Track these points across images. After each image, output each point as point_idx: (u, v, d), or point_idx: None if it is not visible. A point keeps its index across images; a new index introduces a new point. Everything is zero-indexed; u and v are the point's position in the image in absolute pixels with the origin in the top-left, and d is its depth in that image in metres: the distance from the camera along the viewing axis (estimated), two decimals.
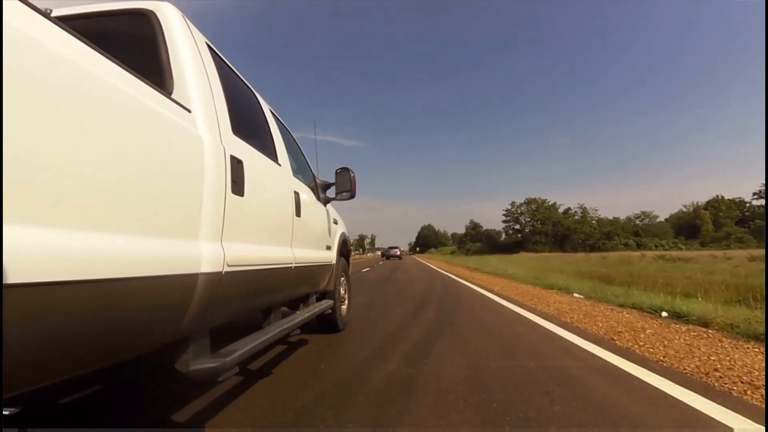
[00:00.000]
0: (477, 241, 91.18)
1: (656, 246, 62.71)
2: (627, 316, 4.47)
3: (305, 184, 2.72)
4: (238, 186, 1.52)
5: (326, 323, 3.39)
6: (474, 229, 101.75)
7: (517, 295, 6.58)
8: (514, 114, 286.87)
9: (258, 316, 2.17)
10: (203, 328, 1.39)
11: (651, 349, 2.96)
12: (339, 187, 3.18)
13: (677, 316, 4.33)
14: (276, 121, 2.56)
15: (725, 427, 1.65)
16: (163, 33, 1.49)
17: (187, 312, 1.22)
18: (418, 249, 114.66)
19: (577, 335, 3.37)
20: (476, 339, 3.22)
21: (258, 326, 1.92)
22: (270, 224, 1.98)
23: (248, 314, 1.96)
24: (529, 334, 3.43)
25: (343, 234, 3.69)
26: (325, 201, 3.17)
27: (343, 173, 3.18)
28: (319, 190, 3.08)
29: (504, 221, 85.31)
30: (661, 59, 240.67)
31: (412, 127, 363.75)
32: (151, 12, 1.52)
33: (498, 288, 7.77)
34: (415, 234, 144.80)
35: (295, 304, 2.72)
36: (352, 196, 3.19)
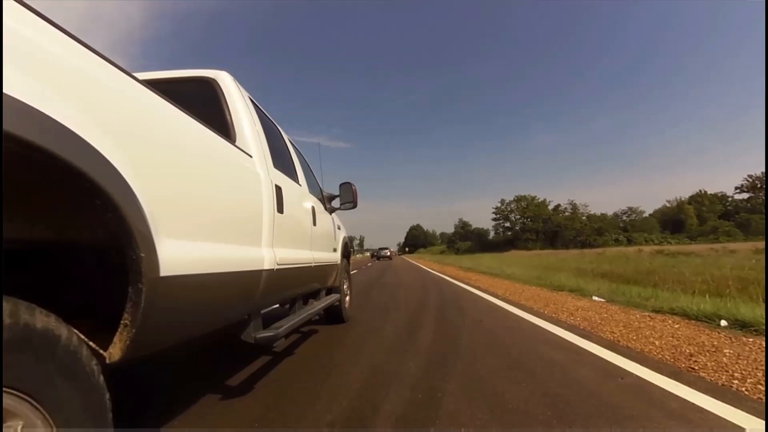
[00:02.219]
0: (466, 240, 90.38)
1: (646, 241, 62.58)
2: (677, 326, 3.52)
3: (316, 197, 3.21)
4: (279, 206, 2.05)
5: (333, 315, 3.83)
6: (463, 227, 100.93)
7: (527, 300, 5.60)
8: (501, 113, 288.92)
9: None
10: (258, 310, 1.94)
11: (760, 386, 2.00)
12: (343, 198, 3.72)
13: (741, 326, 3.41)
14: (293, 148, 3.04)
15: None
16: (224, 95, 2.04)
17: (255, 296, 1.79)
18: (407, 249, 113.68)
19: (640, 364, 2.39)
20: (502, 378, 2.20)
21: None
22: (298, 232, 2.47)
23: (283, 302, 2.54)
24: (573, 365, 2.42)
25: (345, 238, 4.23)
26: (331, 210, 3.69)
27: (346, 186, 3.71)
28: (326, 202, 3.57)
29: (494, 219, 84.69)
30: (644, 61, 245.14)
31: (399, 128, 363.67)
32: (213, 79, 2.09)
33: (502, 291, 6.79)
34: (404, 234, 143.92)
35: (304, 300, 2.92)
36: (354, 206, 3.73)
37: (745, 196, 77.32)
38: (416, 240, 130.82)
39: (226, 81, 2.09)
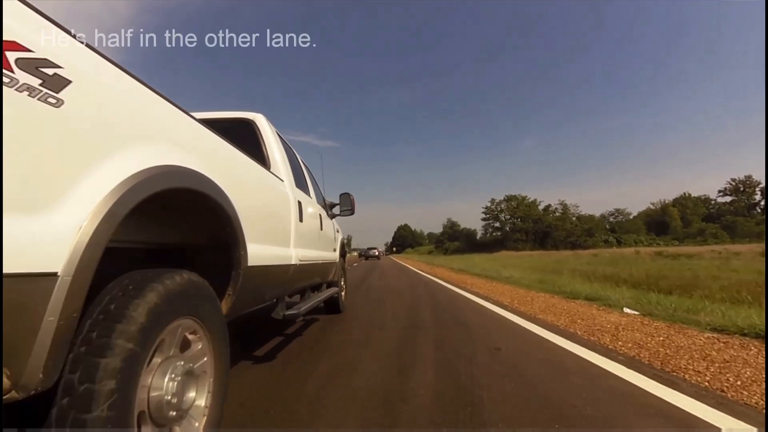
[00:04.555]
0: (455, 240, 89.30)
1: (636, 242, 62.25)
2: None
3: (321, 206, 3.81)
4: (300, 216, 2.65)
5: (331, 305, 4.46)
6: (452, 228, 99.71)
7: (544, 312, 4.52)
8: (489, 115, 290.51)
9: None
10: (284, 296, 2.50)
11: None
12: (342, 206, 4.45)
13: None
14: (304, 166, 3.58)
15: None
16: (260, 133, 2.69)
17: (285, 283, 2.40)
18: (394, 249, 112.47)
19: None
20: None
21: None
22: (311, 236, 3.04)
23: (296, 293, 3.06)
24: None
25: (342, 240, 4.96)
26: (332, 216, 4.37)
27: (345, 196, 4.46)
28: (328, 209, 4.19)
29: (483, 219, 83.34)
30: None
31: (388, 128, 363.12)
32: (252, 120, 2.74)
33: (507, 299, 5.70)
34: (392, 234, 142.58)
35: (311, 291, 3.44)
36: (352, 213, 4.51)
37: (728, 199, 78.35)
38: (404, 240, 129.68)
39: (262, 121, 2.74)
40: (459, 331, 3.53)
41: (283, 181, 2.49)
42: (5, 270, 0.66)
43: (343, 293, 4.82)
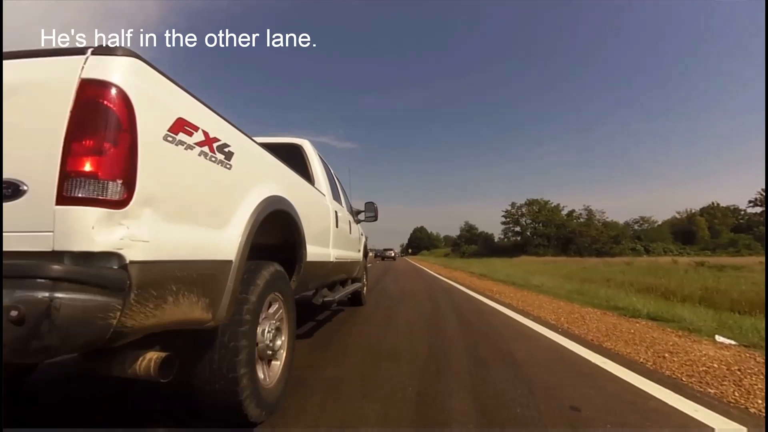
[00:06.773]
0: (472, 244, 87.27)
1: (665, 251, 59.29)
2: None
3: (349, 213, 4.44)
4: (336, 223, 3.26)
5: (355, 298, 5.06)
6: (469, 231, 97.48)
7: (608, 337, 3.48)
8: (510, 117, 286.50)
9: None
10: (323, 286, 3.22)
11: None
12: (367, 213, 5.20)
13: None
14: (336, 179, 4.14)
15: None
16: (307, 156, 3.35)
17: (324, 276, 3.08)
18: (410, 251, 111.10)
19: None
20: None
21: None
22: (342, 239, 3.63)
23: (326, 284, 3.41)
24: None
25: (365, 241, 5.68)
26: (357, 221, 4.97)
27: (370, 204, 5.22)
28: (354, 215, 4.82)
29: (503, 223, 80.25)
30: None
31: (406, 130, 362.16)
32: (299, 145, 3.41)
33: (551, 316, 4.66)
34: (407, 236, 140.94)
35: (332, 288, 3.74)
36: (375, 219, 5.25)
37: (759, 210, 74.14)
38: (420, 242, 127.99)
39: (308, 146, 3.42)
40: (505, 370, 2.53)
41: (324, 195, 3.12)
42: (215, 258, 1.31)
43: (364, 289, 5.50)
